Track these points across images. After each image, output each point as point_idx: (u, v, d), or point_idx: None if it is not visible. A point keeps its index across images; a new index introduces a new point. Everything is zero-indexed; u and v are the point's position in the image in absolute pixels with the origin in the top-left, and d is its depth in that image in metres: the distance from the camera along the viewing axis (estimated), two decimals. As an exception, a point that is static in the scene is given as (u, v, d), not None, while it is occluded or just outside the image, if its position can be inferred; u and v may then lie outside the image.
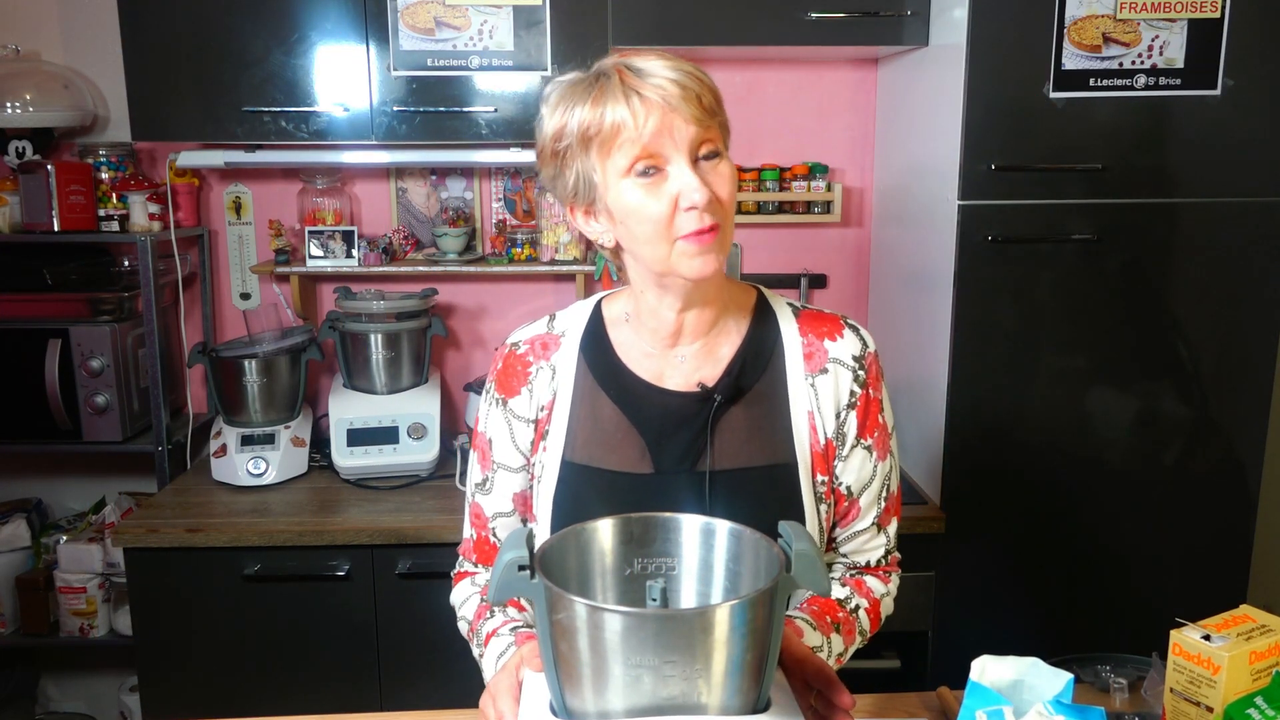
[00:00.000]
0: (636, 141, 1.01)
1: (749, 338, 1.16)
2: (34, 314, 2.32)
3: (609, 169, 1.04)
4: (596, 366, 1.16)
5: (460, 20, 2.15)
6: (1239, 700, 1.03)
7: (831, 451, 1.15)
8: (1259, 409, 2.06)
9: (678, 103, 1.00)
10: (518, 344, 1.20)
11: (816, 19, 2.15)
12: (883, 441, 1.18)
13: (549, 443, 1.16)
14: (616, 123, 1.01)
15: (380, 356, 2.39)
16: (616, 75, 1.03)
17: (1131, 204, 1.98)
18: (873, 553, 1.22)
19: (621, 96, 1.02)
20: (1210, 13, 1.92)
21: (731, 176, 1.05)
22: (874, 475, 1.18)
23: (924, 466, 2.19)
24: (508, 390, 1.18)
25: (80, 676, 2.76)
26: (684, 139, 1.01)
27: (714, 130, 1.04)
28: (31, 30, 2.47)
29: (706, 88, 1.04)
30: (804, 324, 1.17)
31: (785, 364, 1.15)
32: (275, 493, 2.25)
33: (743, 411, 1.13)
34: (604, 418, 1.14)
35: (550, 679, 0.90)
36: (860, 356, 1.17)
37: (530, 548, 0.89)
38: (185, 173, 2.45)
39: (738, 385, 1.13)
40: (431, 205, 2.59)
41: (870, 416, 1.17)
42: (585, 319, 1.19)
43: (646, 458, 1.13)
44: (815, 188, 2.49)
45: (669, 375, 1.15)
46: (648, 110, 1.01)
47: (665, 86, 1.01)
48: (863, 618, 1.18)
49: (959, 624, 2.11)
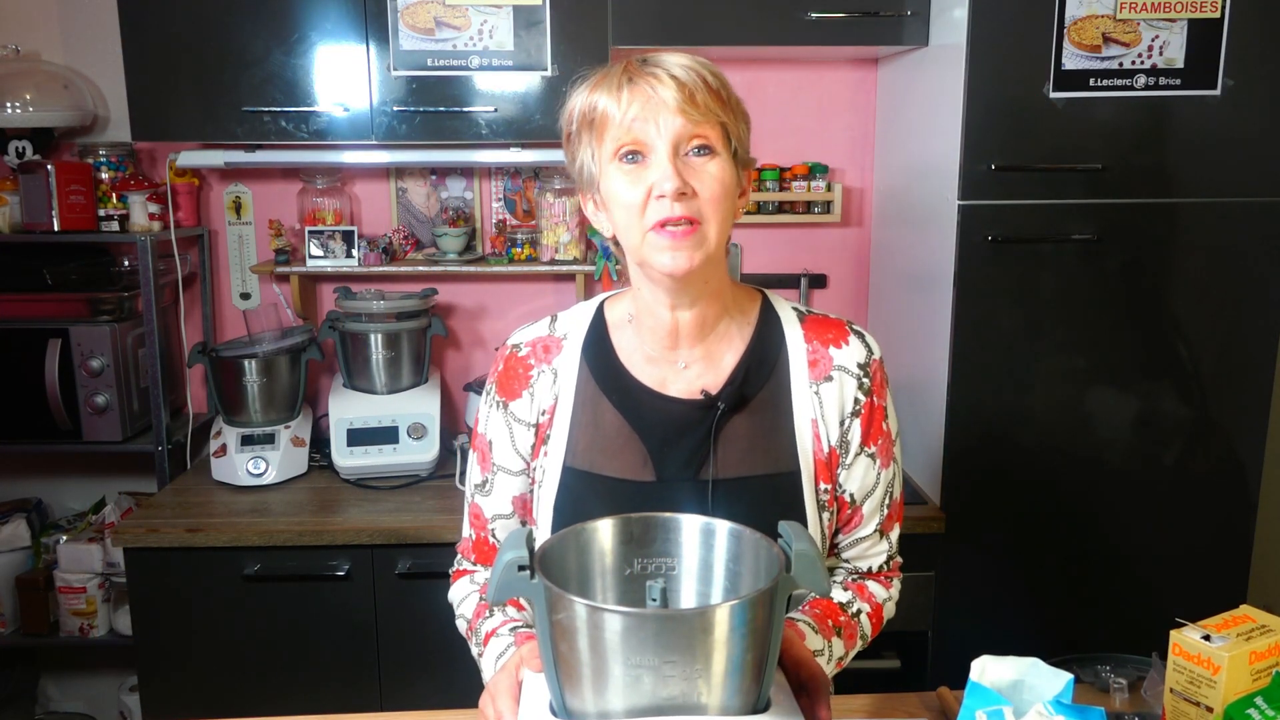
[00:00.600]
0: (621, 127, 1.03)
1: (753, 344, 1.14)
2: (34, 314, 2.32)
3: (602, 154, 1.05)
4: (599, 371, 1.15)
5: (460, 20, 2.15)
6: (1239, 700, 1.03)
7: (835, 460, 1.14)
8: (1259, 409, 2.06)
9: (667, 94, 1.01)
10: (519, 346, 1.18)
11: (816, 19, 2.15)
12: (886, 449, 1.17)
13: (550, 448, 1.15)
14: (604, 108, 1.03)
15: (380, 356, 2.40)
16: (624, 65, 1.05)
17: (1131, 204, 1.98)
18: (875, 559, 1.22)
19: (616, 85, 1.03)
20: (1210, 13, 1.92)
21: (722, 176, 1.04)
22: (877, 483, 1.17)
23: (924, 467, 2.19)
24: (509, 393, 1.17)
25: (80, 676, 2.76)
26: (669, 130, 1.01)
27: (708, 127, 1.03)
28: (31, 30, 2.47)
29: (707, 85, 1.03)
30: (809, 330, 1.16)
31: (789, 371, 1.14)
32: (275, 493, 2.25)
33: (746, 420, 1.12)
34: (606, 423, 1.13)
35: (550, 679, 0.90)
36: (865, 364, 1.16)
37: (530, 548, 0.89)
38: (185, 173, 2.45)
39: (741, 393, 1.12)
40: (431, 205, 2.59)
41: (874, 424, 1.16)
42: (587, 321, 1.18)
43: (649, 465, 1.12)
44: (815, 188, 2.49)
45: (672, 382, 1.14)
46: (633, 97, 1.02)
47: (660, 77, 1.02)
48: (864, 622, 1.18)
49: (959, 624, 2.10)
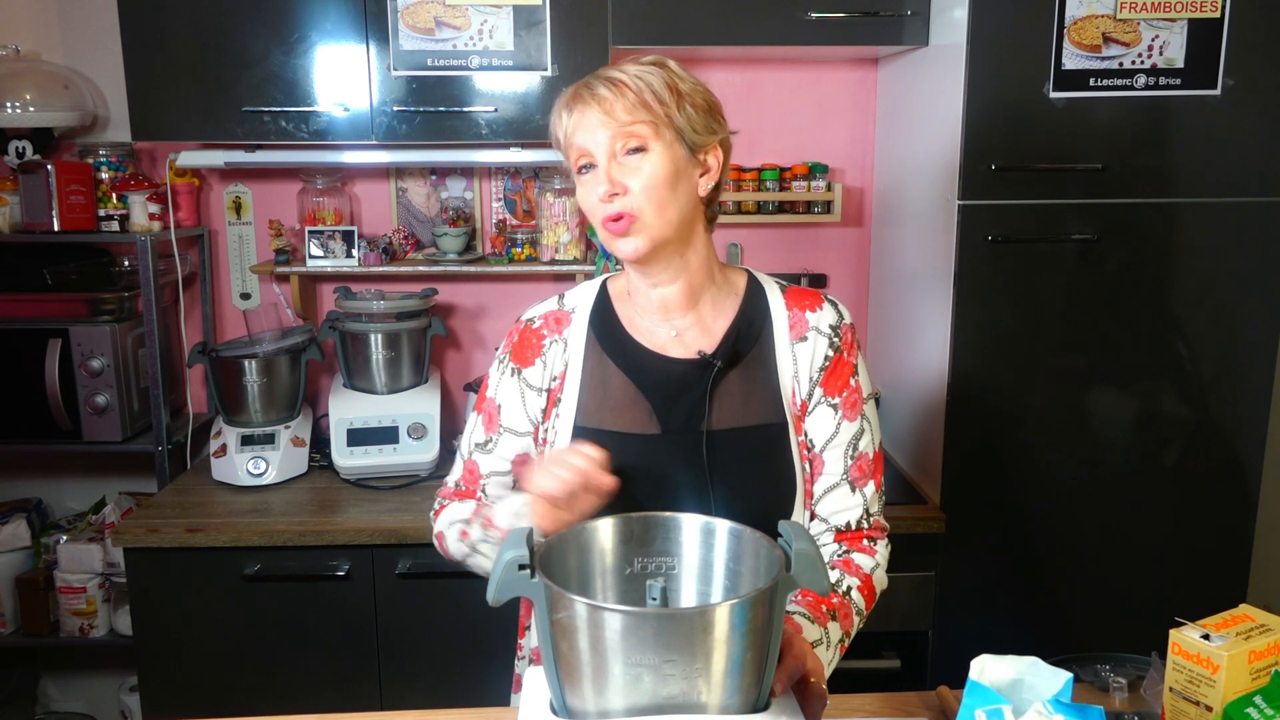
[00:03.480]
0: (572, 145, 1.18)
1: (742, 310, 1.27)
2: (34, 314, 2.32)
3: (572, 168, 1.21)
4: (605, 339, 1.26)
5: (460, 20, 2.15)
6: (1238, 699, 1.03)
7: (804, 410, 1.25)
8: (1259, 409, 2.06)
9: (592, 112, 1.15)
10: (533, 319, 1.31)
11: (816, 19, 2.15)
12: (852, 403, 1.26)
13: (561, 409, 1.25)
14: (563, 129, 1.19)
15: (380, 356, 2.40)
16: (577, 86, 1.19)
17: (1131, 204, 1.98)
18: (850, 513, 1.26)
19: (567, 107, 1.18)
20: (1210, 13, 1.92)
21: (654, 169, 1.14)
22: (837, 431, 1.25)
23: (924, 466, 2.19)
24: (522, 361, 1.29)
25: (80, 676, 2.76)
26: (601, 142, 1.15)
27: (633, 129, 1.14)
28: (31, 30, 2.47)
29: (630, 90, 1.14)
30: (789, 299, 1.28)
31: (774, 334, 1.26)
32: (275, 493, 2.25)
33: (738, 377, 1.24)
34: (613, 385, 1.24)
35: (550, 678, 0.90)
36: (836, 325, 1.27)
37: (530, 547, 0.89)
38: (185, 173, 2.45)
39: (735, 351, 1.24)
40: (431, 205, 2.59)
41: (839, 377, 1.25)
42: (593, 296, 1.30)
43: (654, 419, 1.22)
44: (815, 188, 2.49)
45: (670, 346, 1.25)
46: (576, 118, 1.17)
47: (586, 98, 1.16)
48: (856, 597, 1.21)
49: (959, 624, 2.11)
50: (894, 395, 2.41)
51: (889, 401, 2.45)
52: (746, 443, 1.21)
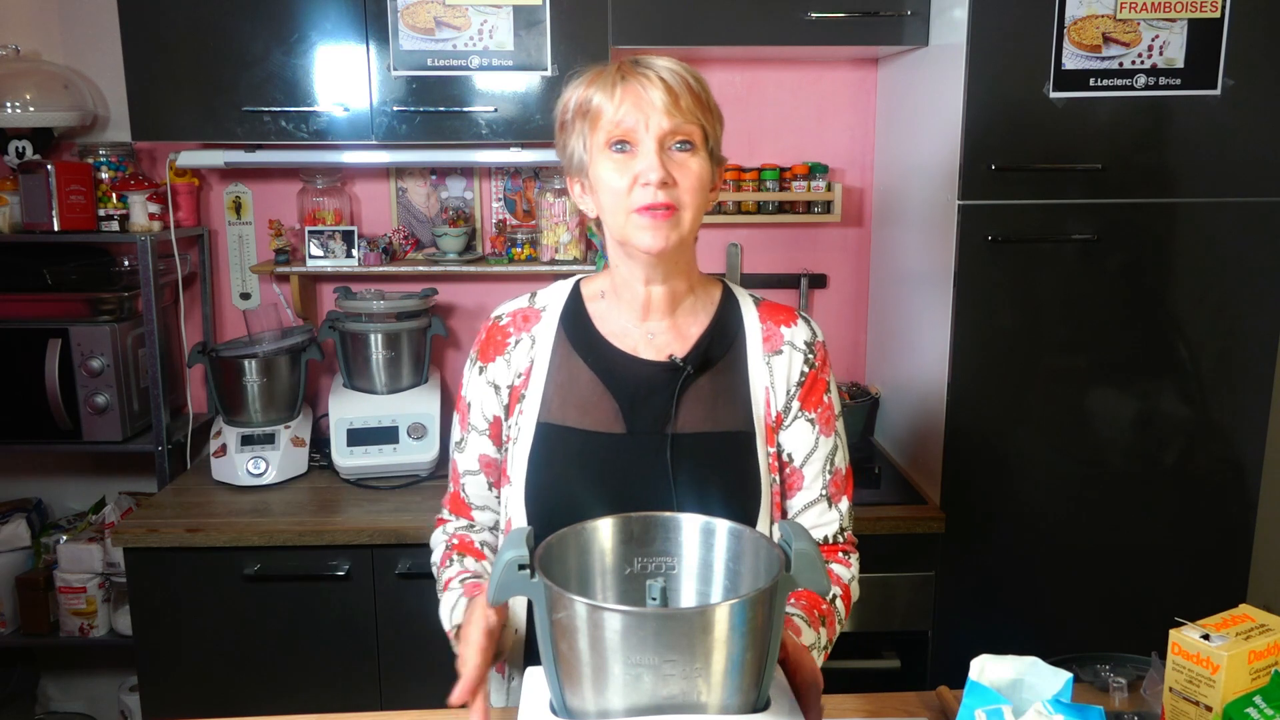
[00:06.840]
0: (614, 120, 1.15)
1: (716, 319, 1.28)
2: (34, 314, 2.32)
3: (594, 143, 1.17)
4: (575, 336, 1.27)
5: (460, 20, 2.15)
6: (1238, 699, 1.03)
7: (780, 423, 1.26)
8: (1259, 409, 2.06)
9: (655, 94, 1.13)
10: (501, 316, 1.31)
11: (816, 19, 2.15)
12: (826, 418, 1.28)
13: (525, 405, 1.26)
14: (599, 102, 1.16)
15: (380, 356, 2.40)
16: (617, 65, 1.17)
17: (1131, 204, 1.98)
18: (827, 527, 1.28)
19: (611, 81, 1.16)
20: (1210, 13, 1.92)
21: (700, 172, 1.16)
22: (816, 446, 1.27)
23: (924, 466, 2.19)
24: (485, 358, 1.30)
25: (80, 676, 2.76)
26: (655, 125, 1.14)
27: (690, 128, 1.15)
28: (31, 30, 2.47)
29: (690, 90, 1.15)
30: (763, 312, 1.30)
31: (746, 344, 1.27)
32: (275, 493, 2.25)
33: (708, 383, 1.24)
34: (581, 382, 1.24)
35: (550, 678, 0.90)
36: (810, 343, 1.29)
37: (530, 547, 0.89)
38: (185, 173, 2.45)
39: (706, 357, 1.25)
40: (431, 205, 2.59)
41: (815, 393, 1.27)
42: (565, 295, 1.31)
43: (620, 420, 1.22)
44: (815, 188, 2.49)
45: (642, 348, 1.25)
46: (626, 94, 1.14)
47: (650, 78, 1.14)
48: (839, 606, 1.24)
49: (959, 624, 2.10)
50: (894, 395, 2.41)
51: (889, 401, 2.45)
52: (712, 448, 1.22)
